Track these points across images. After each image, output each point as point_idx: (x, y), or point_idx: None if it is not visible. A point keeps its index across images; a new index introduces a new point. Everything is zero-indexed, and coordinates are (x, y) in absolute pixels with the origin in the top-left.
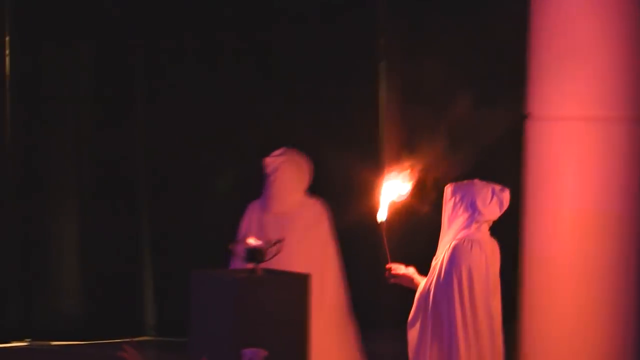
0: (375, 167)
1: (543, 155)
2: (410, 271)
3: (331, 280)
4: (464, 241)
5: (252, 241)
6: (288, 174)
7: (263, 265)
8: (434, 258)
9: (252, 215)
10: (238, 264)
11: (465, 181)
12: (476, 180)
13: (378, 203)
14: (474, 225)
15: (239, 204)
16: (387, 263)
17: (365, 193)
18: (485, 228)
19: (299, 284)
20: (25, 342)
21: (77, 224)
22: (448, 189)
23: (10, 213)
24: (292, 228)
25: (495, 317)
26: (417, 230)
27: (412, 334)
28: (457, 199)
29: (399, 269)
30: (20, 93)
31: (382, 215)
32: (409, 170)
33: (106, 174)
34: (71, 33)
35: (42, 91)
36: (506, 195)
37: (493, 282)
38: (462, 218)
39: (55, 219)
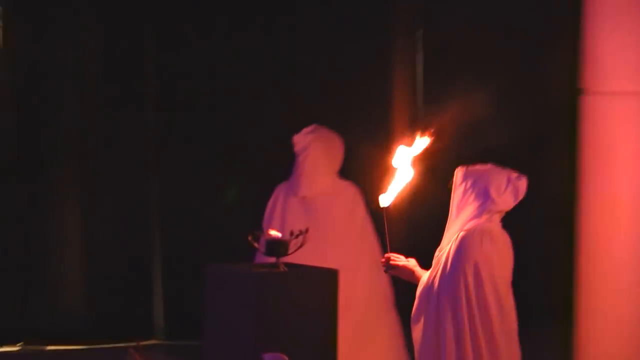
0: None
1: (599, 135)
2: (411, 263)
3: (369, 273)
4: (474, 232)
5: (273, 232)
6: (318, 153)
7: (286, 258)
8: (438, 249)
9: (277, 199)
10: (260, 257)
11: (479, 165)
12: (490, 165)
13: (384, 187)
14: (485, 215)
15: (255, 197)
16: (386, 252)
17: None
18: (497, 219)
19: (326, 279)
20: (18, 346)
21: (80, 215)
22: (459, 173)
23: (6, 203)
24: (323, 214)
25: (509, 319)
26: (423, 218)
27: (417, 331)
28: (468, 185)
29: (399, 259)
30: (25, 78)
31: (385, 200)
32: (421, 148)
33: (113, 163)
34: (75, 8)
35: (47, 73)
36: (523, 184)
37: (505, 279)
38: (472, 206)
39: (56, 210)
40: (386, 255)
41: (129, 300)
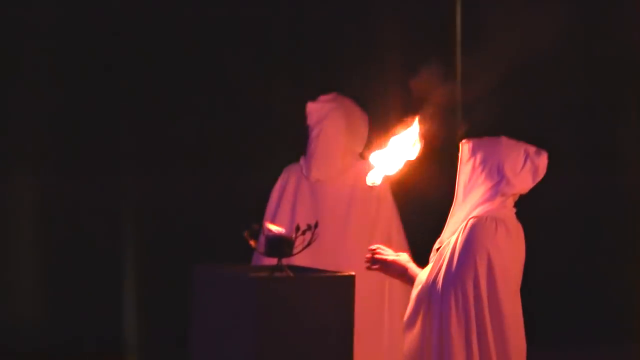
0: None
1: None
2: (403, 258)
3: None
4: (486, 219)
5: (274, 227)
6: (338, 127)
7: (294, 260)
8: (438, 242)
9: (286, 184)
10: (258, 259)
11: (488, 137)
12: (503, 138)
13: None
14: (499, 199)
15: (248, 188)
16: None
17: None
18: (510, 204)
19: (340, 286)
20: None
21: (37, 212)
22: (465, 146)
23: None
24: (342, 204)
25: (520, 327)
26: (421, 203)
27: (411, 338)
28: (478, 161)
29: (387, 253)
30: None
31: (374, 178)
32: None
33: (77, 154)
34: None
35: None
36: (543, 161)
37: (517, 279)
38: (482, 188)
39: (9, 208)
40: (370, 247)
41: (94, 312)
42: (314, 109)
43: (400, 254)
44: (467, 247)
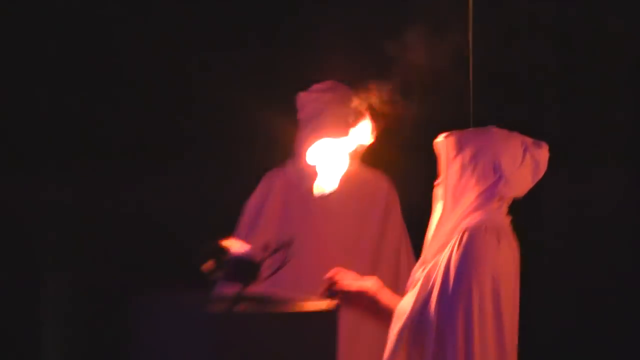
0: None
1: None
2: (371, 285)
3: None
4: (486, 230)
5: (236, 245)
6: (337, 122)
7: (258, 287)
8: (419, 262)
9: (270, 193)
10: (225, 284)
11: (474, 129)
12: (493, 128)
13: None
14: (496, 203)
15: (206, 189)
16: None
17: None
18: (506, 210)
19: (317, 323)
20: None
21: None
22: (450, 140)
23: None
24: (343, 218)
25: (515, 355)
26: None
27: None
28: (468, 157)
29: (348, 280)
30: None
31: (324, 185)
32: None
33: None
34: None
35: None
36: (544, 155)
37: (517, 297)
38: (476, 190)
39: None
40: (328, 275)
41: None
42: (307, 100)
43: (367, 279)
44: (466, 267)
